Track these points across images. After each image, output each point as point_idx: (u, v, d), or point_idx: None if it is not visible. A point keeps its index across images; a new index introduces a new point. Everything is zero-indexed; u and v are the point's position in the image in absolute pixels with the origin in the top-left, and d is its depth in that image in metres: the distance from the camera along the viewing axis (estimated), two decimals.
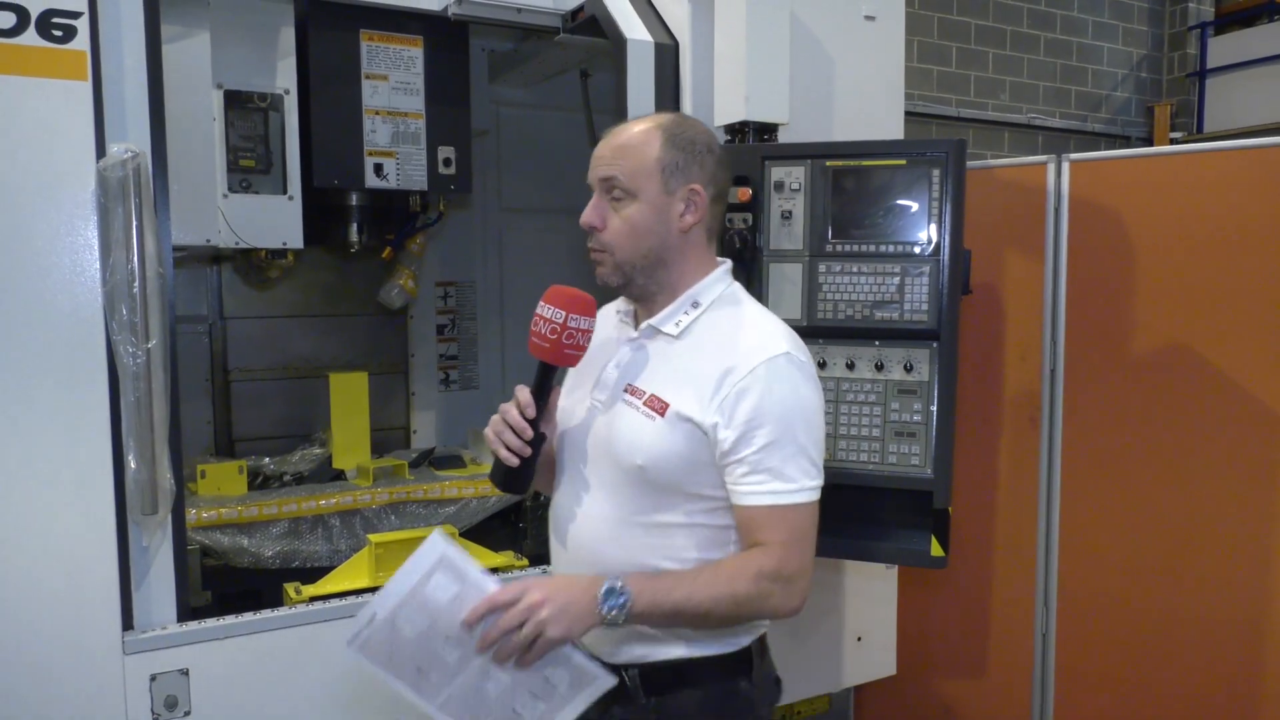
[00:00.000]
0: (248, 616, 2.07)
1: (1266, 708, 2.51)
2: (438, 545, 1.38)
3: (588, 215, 1.51)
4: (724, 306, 1.54)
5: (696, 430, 1.44)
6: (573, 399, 1.61)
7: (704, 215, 1.53)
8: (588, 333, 1.46)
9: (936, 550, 2.20)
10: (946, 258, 2.16)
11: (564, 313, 1.44)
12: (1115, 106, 9.38)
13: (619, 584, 1.37)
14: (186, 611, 2.03)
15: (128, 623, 1.94)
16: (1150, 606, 2.68)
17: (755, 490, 1.43)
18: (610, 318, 1.65)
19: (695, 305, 1.53)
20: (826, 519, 2.28)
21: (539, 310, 1.47)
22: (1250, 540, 2.52)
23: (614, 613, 1.36)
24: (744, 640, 1.55)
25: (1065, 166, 2.73)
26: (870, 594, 2.81)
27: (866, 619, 2.81)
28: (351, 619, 2.12)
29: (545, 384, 1.49)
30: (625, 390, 1.51)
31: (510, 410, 1.47)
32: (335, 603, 2.20)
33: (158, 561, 1.98)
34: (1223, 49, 9.30)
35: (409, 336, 3.63)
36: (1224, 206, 2.53)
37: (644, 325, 1.55)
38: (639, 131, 1.51)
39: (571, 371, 1.58)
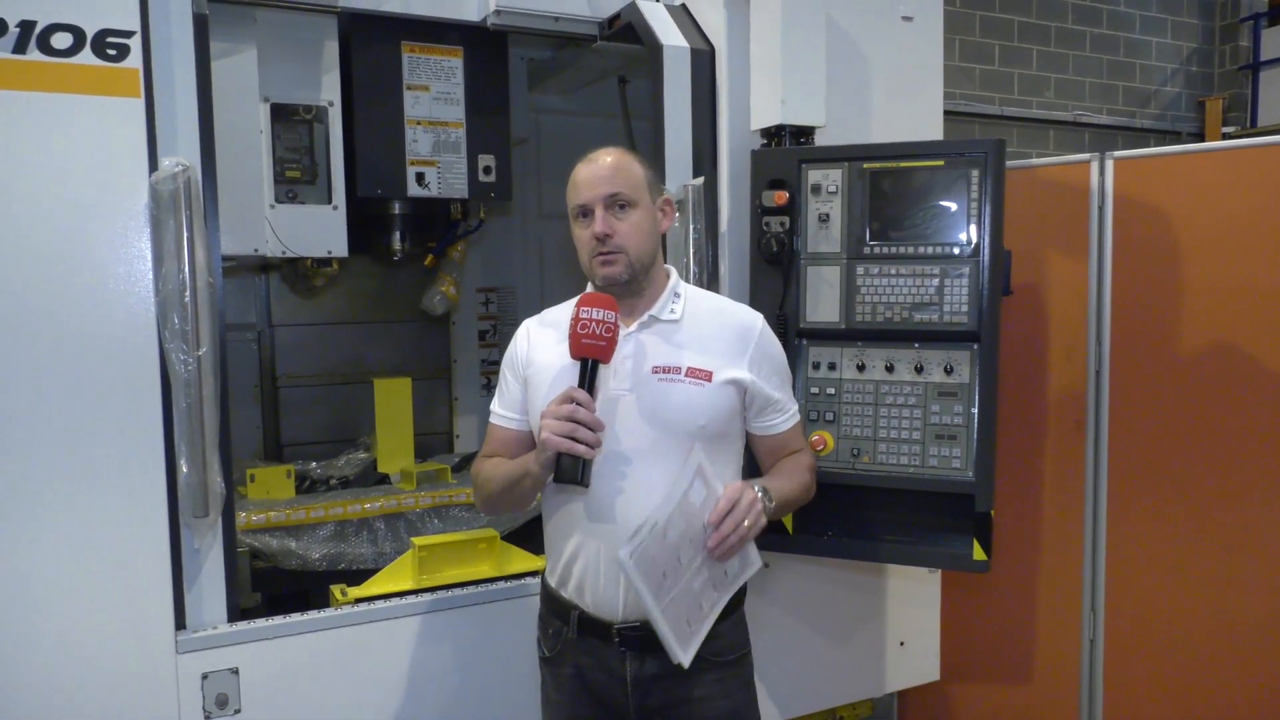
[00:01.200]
0: (295, 617, 2.11)
1: None
2: (697, 456, 1.65)
3: (600, 226, 1.74)
4: (693, 293, 1.89)
5: (739, 386, 1.77)
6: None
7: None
8: (605, 324, 1.65)
9: (979, 554, 2.17)
10: (986, 258, 2.14)
11: (613, 314, 1.65)
12: (1165, 101, 9.19)
13: (759, 489, 1.70)
14: (236, 612, 2.08)
15: (180, 622, 1.99)
16: (1200, 613, 2.62)
17: (788, 418, 1.88)
18: (544, 333, 1.86)
19: (677, 295, 1.84)
20: (867, 523, 2.28)
21: (585, 315, 1.64)
22: None
23: (771, 505, 1.71)
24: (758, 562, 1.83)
25: (1109, 164, 2.69)
26: (913, 598, 2.79)
27: (909, 623, 2.79)
28: (396, 620, 2.23)
29: (595, 380, 1.65)
30: (654, 371, 1.74)
31: (579, 411, 1.60)
32: (380, 604, 2.24)
33: (208, 563, 2.03)
34: (1277, 40, 9.06)
35: (451, 342, 3.69)
36: (1274, 202, 2.47)
37: (645, 316, 1.80)
38: (620, 156, 1.80)
39: (556, 377, 1.75)
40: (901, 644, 2.79)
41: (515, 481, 1.75)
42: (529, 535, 2.95)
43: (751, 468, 1.93)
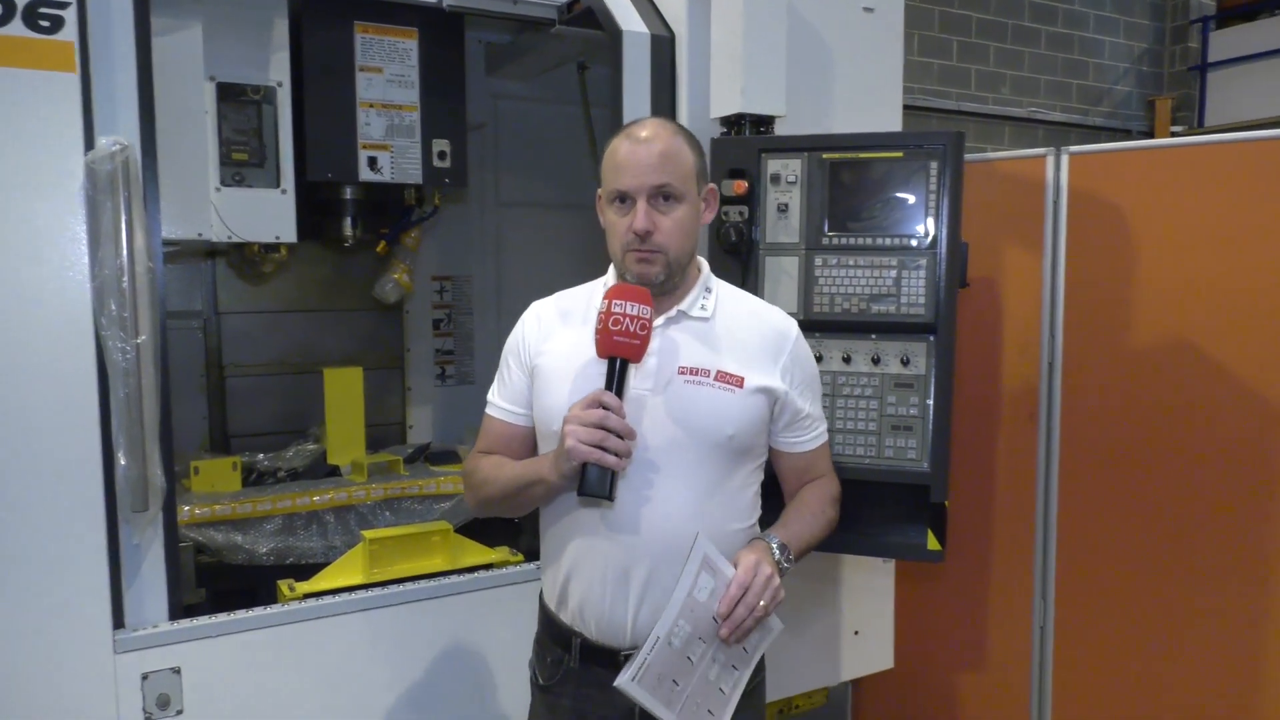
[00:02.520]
0: (240, 614, 2.05)
1: (1266, 700, 2.50)
2: (702, 547, 1.50)
3: (642, 222, 1.57)
4: (724, 290, 1.73)
5: (770, 395, 1.64)
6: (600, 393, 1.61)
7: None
8: (641, 320, 1.50)
9: (933, 544, 2.18)
10: (944, 251, 2.14)
11: (649, 309, 1.50)
12: (1116, 100, 9.35)
13: (776, 543, 1.60)
14: (179, 609, 2.01)
15: (118, 621, 1.92)
16: (1149, 600, 2.66)
17: (815, 436, 1.75)
18: (558, 320, 1.71)
19: (709, 290, 1.69)
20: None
21: (617, 309, 1.48)
22: (1249, 534, 2.50)
23: (788, 564, 1.59)
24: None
25: (1064, 159, 2.71)
26: (868, 588, 2.80)
27: (864, 613, 2.80)
28: (346, 615, 2.18)
29: (624, 382, 1.51)
30: (680, 372, 1.60)
31: (610, 417, 1.45)
32: (329, 600, 2.19)
33: (149, 559, 1.96)
34: (1224, 43, 9.27)
35: (405, 331, 3.61)
36: (1225, 200, 2.51)
37: (674, 311, 1.64)
38: (671, 139, 1.61)
39: (575, 373, 1.60)
40: (856, 633, 2.80)
41: (523, 487, 1.60)
42: (482, 527, 2.91)
43: (767, 487, 1.77)
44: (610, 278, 1.71)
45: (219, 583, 2.61)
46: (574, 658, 1.64)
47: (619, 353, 1.49)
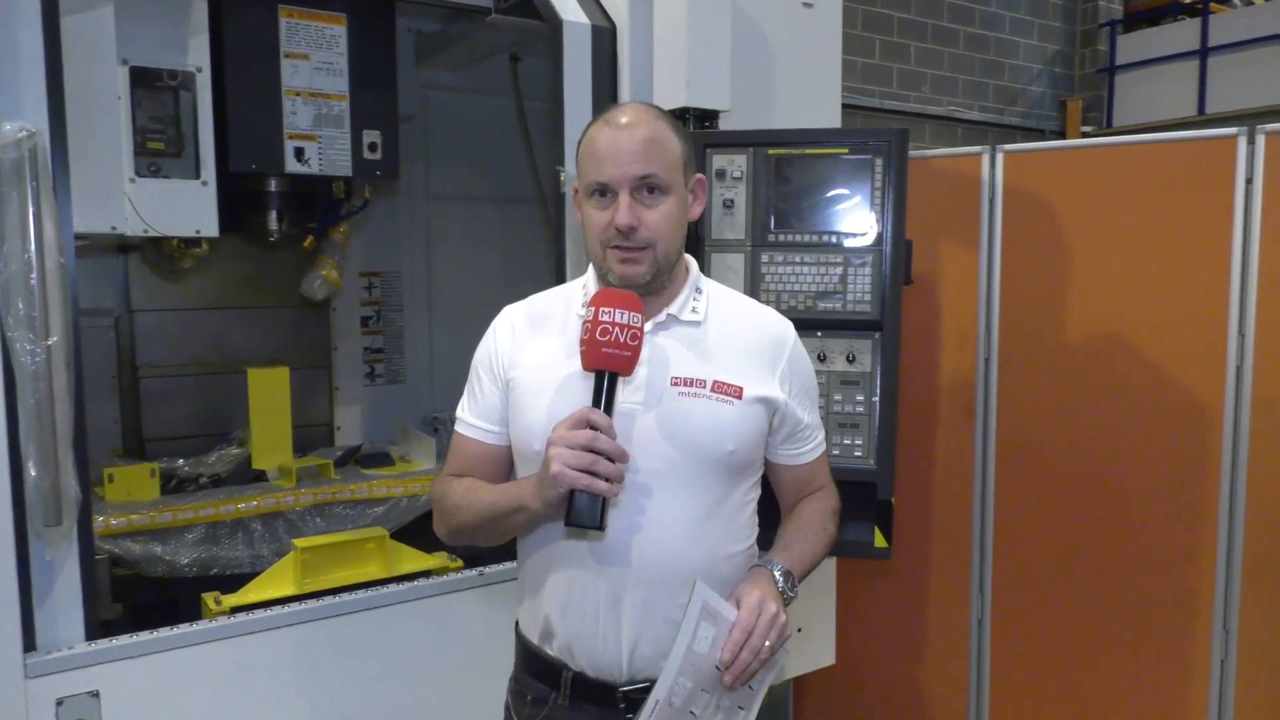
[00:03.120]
0: (163, 632, 1.93)
1: (1193, 685, 2.58)
2: (701, 595, 1.38)
3: (626, 217, 1.42)
4: (714, 290, 1.59)
5: (769, 405, 1.51)
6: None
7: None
8: (632, 330, 1.35)
9: (880, 541, 2.19)
10: (889, 248, 2.14)
11: (639, 315, 1.36)
12: (1030, 100, 9.63)
13: (779, 565, 1.49)
14: (96, 629, 1.89)
15: (29, 644, 1.79)
16: (1083, 592, 2.73)
17: (815, 447, 1.64)
18: (532, 327, 1.57)
19: (699, 291, 1.55)
20: (767, 511, 2.26)
21: (605, 317, 1.33)
22: (1180, 525, 2.57)
23: (792, 594, 1.48)
24: None
25: (999, 157, 2.75)
26: (809, 585, 2.76)
27: (806, 610, 2.80)
28: (277, 630, 2.08)
29: (610, 399, 1.35)
30: (674, 383, 1.46)
31: (599, 439, 1.31)
32: (259, 613, 2.08)
33: (63, 576, 1.83)
34: (1131, 47, 9.63)
35: (331, 329, 3.48)
36: (1149, 197, 2.57)
37: (663, 315, 1.50)
38: (656, 125, 1.47)
39: (556, 387, 1.47)
40: (799, 630, 2.79)
41: (501, 515, 1.45)
42: (418, 532, 2.82)
43: (764, 502, 1.65)
44: (590, 279, 1.56)
45: (137, 597, 2.46)
46: (563, 694, 1.49)
47: (608, 366, 1.34)
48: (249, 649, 2.03)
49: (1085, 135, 9.25)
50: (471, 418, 1.57)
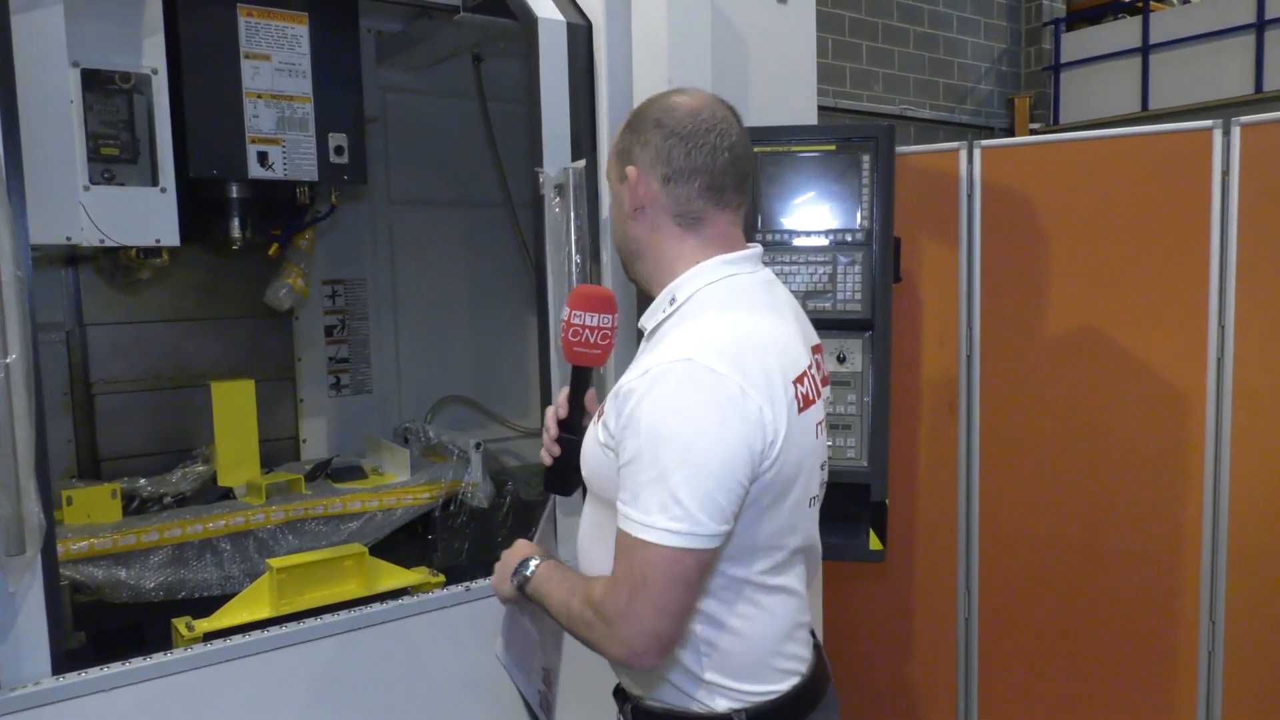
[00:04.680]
0: (136, 663, 1.83)
1: (1181, 677, 2.60)
2: None
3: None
4: (698, 301, 1.35)
5: (609, 438, 1.29)
6: None
7: (653, 200, 1.36)
8: (601, 330, 1.42)
9: (875, 544, 2.16)
10: (878, 246, 2.12)
11: (569, 310, 1.45)
12: (980, 98, 9.78)
13: (535, 563, 1.44)
14: (64, 662, 1.78)
15: None
16: (1068, 587, 2.74)
17: (620, 510, 1.25)
18: None
19: (672, 301, 1.37)
20: None
21: (578, 320, 1.44)
22: (1162, 516, 2.59)
23: (517, 579, 1.45)
24: (719, 703, 1.34)
25: (977, 153, 2.75)
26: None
27: None
28: (256, 656, 1.98)
29: (579, 384, 1.51)
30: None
31: (548, 411, 1.50)
32: (235, 639, 1.98)
33: (26, 608, 1.72)
34: (1075, 44, 9.83)
35: (295, 339, 3.37)
36: (1129, 191, 2.59)
37: (640, 324, 1.47)
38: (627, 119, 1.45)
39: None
40: None
41: None
42: (395, 548, 2.73)
43: None
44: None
45: (100, 624, 2.35)
46: None
47: (582, 362, 1.49)
48: (226, 676, 1.93)
49: (1034, 132, 9.40)
50: None
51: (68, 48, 2.16)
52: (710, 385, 1.21)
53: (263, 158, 2.49)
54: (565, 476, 1.51)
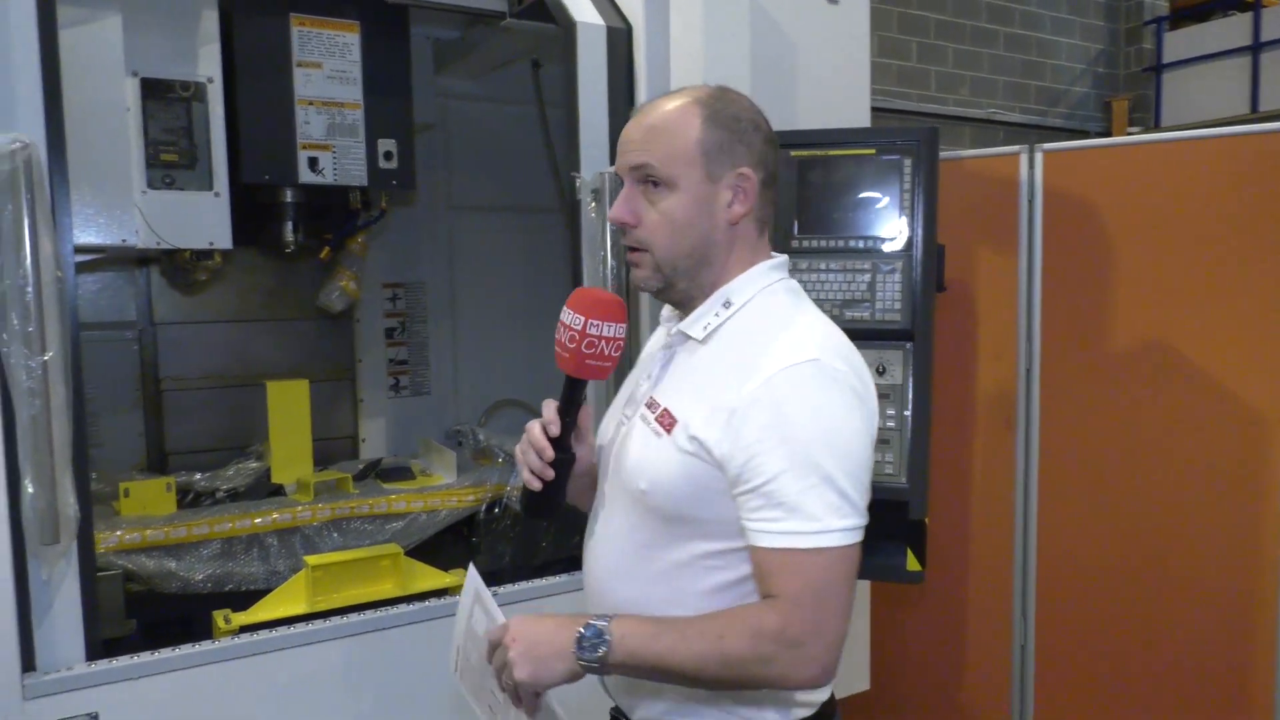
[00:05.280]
0: (165, 653, 1.88)
1: (1254, 715, 2.42)
2: (472, 580, 1.37)
3: (617, 210, 1.30)
4: (762, 305, 1.31)
5: (703, 451, 1.22)
6: (610, 415, 1.46)
7: (754, 203, 1.32)
8: (612, 340, 1.29)
9: (913, 564, 2.08)
10: (920, 253, 2.04)
11: (583, 318, 1.28)
12: (1074, 101, 9.40)
13: (603, 625, 1.18)
14: (98, 649, 1.84)
15: (28, 664, 1.75)
16: (1133, 614, 2.58)
17: (767, 529, 1.18)
18: (662, 325, 1.47)
19: (727, 305, 1.31)
20: None
21: (561, 316, 1.30)
22: (1235, 544, 2.42)
23: (591, 658, 1.17)
24: (768, 715, 1.27)
25: (1039, 157, 2.62)
26: None
27: None
28: (285, 651, 2.02)
29: (571, 398, 1.33)
30: (647, 404, 1.33)
31: (533, 427, 1.32)
32: (264, 634, 2.02)
33: (62, 595, 1.79)
34: (1178, 43, 9.36)
35: (355, 340, 3.45)
36: (1201, 197, 2.43)
37: (675, 330, 1.35)
38: (673, 109, 1.31)
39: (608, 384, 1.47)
40: None
41: None
42: (439, 549, 2.76)
43: None
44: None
45: (151, 612, 2.42)
46: None
47: (559, 365, 1.32)
48: (255, 670, 1.97)
49: (1132, 135, 9.00)
50: None
51: (127, 59, 2.26)
52: (841, 382, 1.23)
53: (313, 163, 2.55)
54: (555, 500, 1.35)
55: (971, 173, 2.73)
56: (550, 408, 1.33)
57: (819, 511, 1.16)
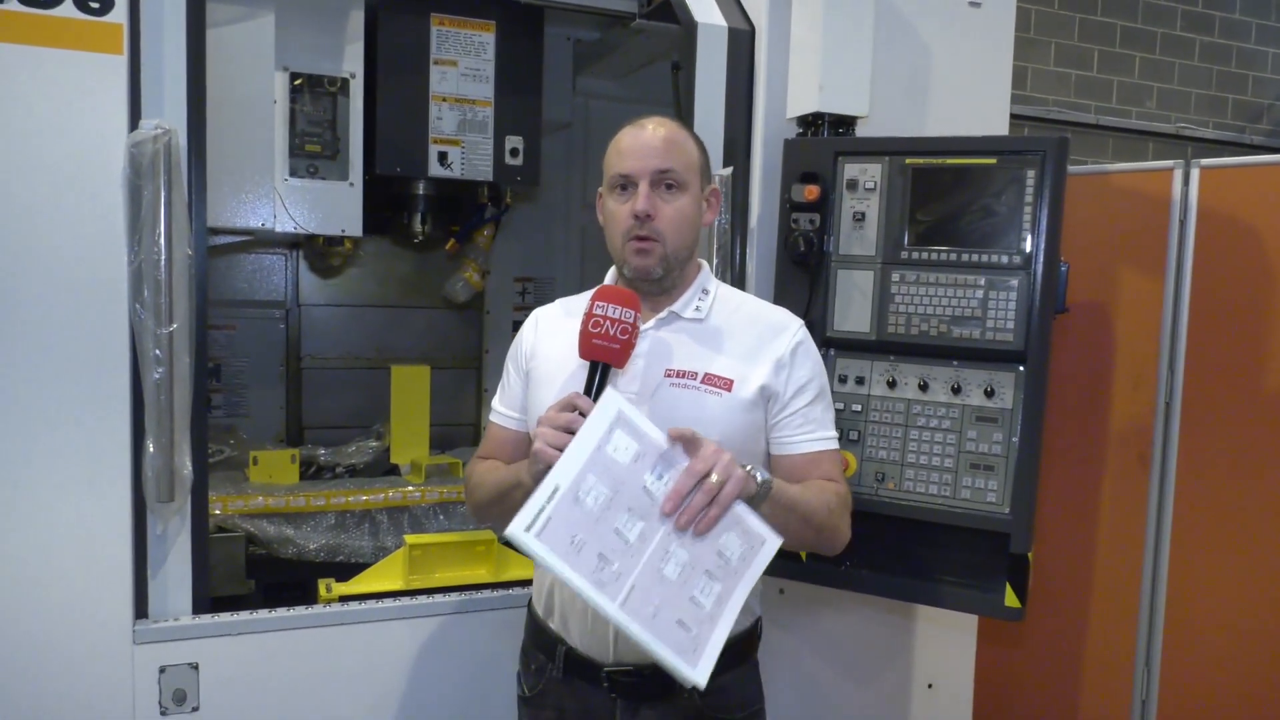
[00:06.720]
0: (263, 614, 2.00)
1: None
2: (614, 401, 1.36)
3: (644, 204, 1.53)
4: (725, 291, 1.69)
5: (760, 397, 1.55)
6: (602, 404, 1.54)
7: (716, 215, 1.72)
8: (622, 324, 1.44)
9: (1011, 600, 1.94)
10: (1039, 271, 1.91)
11: (633, 312, 1.44)
12: (1277, 117, 8.59)
13: (763, 472, 1.42)
14: (204, 603, 1.98)
15: (140, 611, 1.89)
16: (1263, 680, 2.32)
17: (810, 437, 1.59)
18: (555, 324, 1.68)
19: (706, 292, 1.64)
20: (888, 555, 2.06)
21: (598, 311, 1.43)
22: None
23: (765, 478, 1.41)
24: (757, 611, 1.68)
25: (1195, 173, 2.40)
26: (945, 638, 2.55)
27: (939, 665, 2.55)
28: (375, 623, 2.11)
29: (604, 385, 1.44)
30: (667, 375, 1.54)
31: (578, 420, 1.36)
32: (357, 606, 2.12)
33: (174, 550, 1.93)
34: None
35: (483, 331, 3.57)
36: None
37: (665, 312, 1.59)
38: (676, 128, 1.61)
39: (566, 376, 1.57)
40: (930, 686, 2.55)
41: (505, 492, 1.55)
42: None
43: None
44: (610, 279, 1.67)
45: (269, 575, 2.58)
46: (558, 666, 1.60)
47: (598, 356, 1.43)
48: (345, 638, 2.07)
49: None
50: (499, 406, 1.73)
51: (277, 54, 2.42)
52: None
53: (443, 157, 2.65)
54: None
55: (1118, 188, 2.53)
56: (585, 399, 1.39)
57: (829, 423, 1.64)
